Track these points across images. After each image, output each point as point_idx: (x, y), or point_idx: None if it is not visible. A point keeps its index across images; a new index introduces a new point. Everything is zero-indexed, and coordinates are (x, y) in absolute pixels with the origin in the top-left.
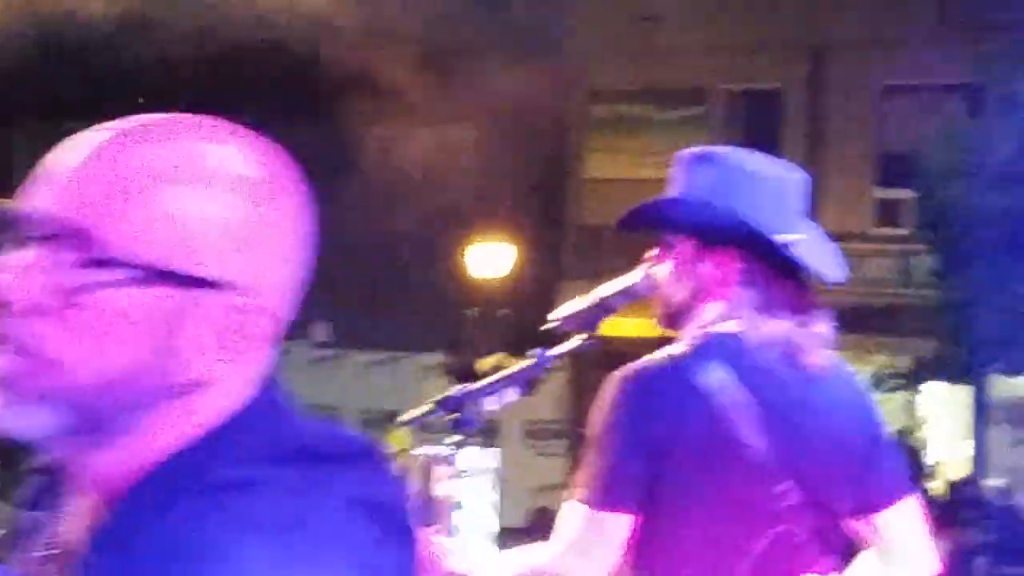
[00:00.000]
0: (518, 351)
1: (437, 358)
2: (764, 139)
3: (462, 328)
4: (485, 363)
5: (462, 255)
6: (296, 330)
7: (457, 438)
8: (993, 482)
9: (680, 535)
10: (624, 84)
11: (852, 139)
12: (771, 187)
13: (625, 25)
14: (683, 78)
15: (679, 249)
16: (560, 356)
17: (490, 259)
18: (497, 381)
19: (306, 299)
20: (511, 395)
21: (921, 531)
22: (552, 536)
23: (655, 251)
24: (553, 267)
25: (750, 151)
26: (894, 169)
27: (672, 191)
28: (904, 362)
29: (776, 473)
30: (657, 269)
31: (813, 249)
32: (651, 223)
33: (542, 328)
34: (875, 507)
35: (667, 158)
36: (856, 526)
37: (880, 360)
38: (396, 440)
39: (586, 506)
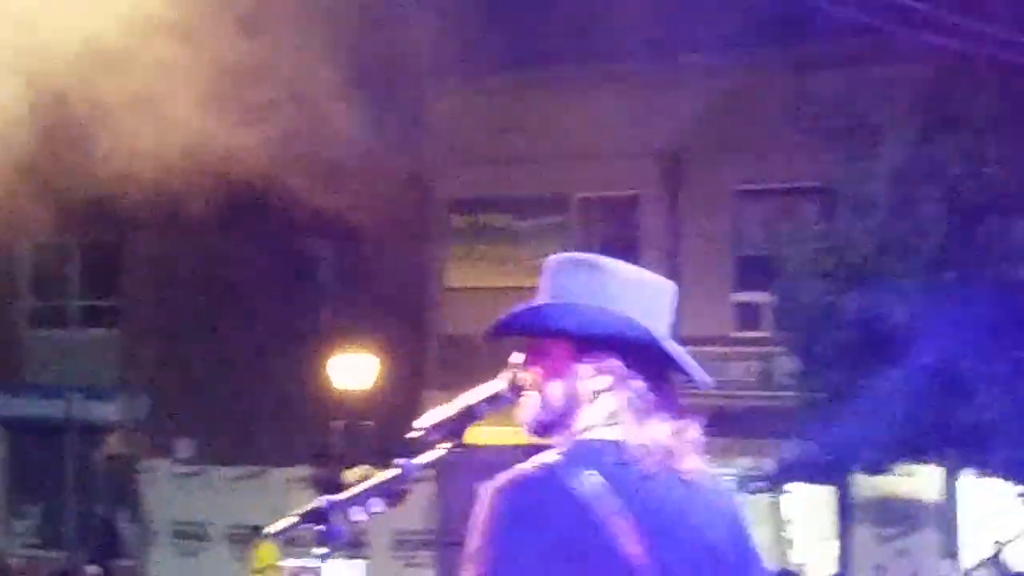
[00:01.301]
0: (384, 462)
1: (303, 471)
2: (623, 245)
3: (327, 440)
4: (351, 474)
5: (325, 368)
6: (160, 447)
7: (324, 550)
8: None
9: None
10: (484, 193)
11: (709, 243)
12: (648, 294)
13: (484, 135)
14: (542, 187)
15: (555, 354)
16: (426, 466)
17: (353, 371)
18: (363, 492)
19: (169, 417)
20: (377, 506)
21: None
22: None
23: (520, 357)
24: (416, 377)
25: (618, 260)
26: (751, 272)
27: (546, 296)
28: (767, 464)
29: None
30: (524, 375)
31: (683, 356)
32: (529, 328)
33: (407, 437)
34: None
35: (528, 266)
36: None
37: (743, 463)
38: (264, 555)
39: None
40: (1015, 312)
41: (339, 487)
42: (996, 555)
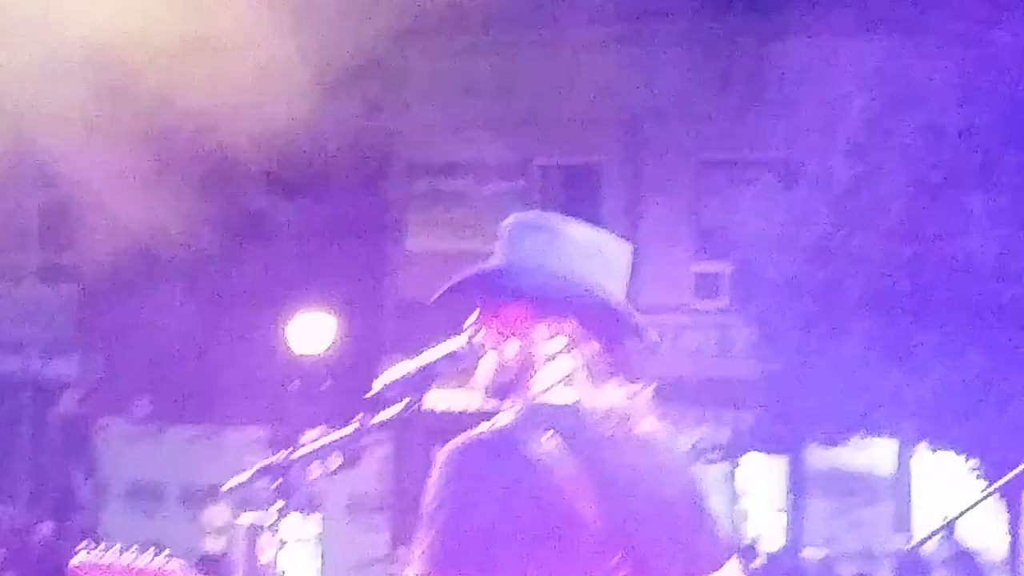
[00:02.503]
0: (341, 424)
1: (259, 432)
2: (583, 212)
3: (285, 402)
4: (308, 436)
5: (283, 329)
6: (116, 406)
7: (280, 506)
8: (811, 553)
9: None
10: (444, 158)
11: (670, 212)
12: (604, 255)
13: (445, 98)
14: (502, 152)
15: (512, 315)
16: (383, 422)
17: (311, 332)
18: (320, 448)
19: (126, 375)
20: (335, 462)
21: None
22: None
23: (478, 318)
24: (375, 340)
25: (576, 220)
26: (712, 242)
27: (502, 257)
28: (723, 434)
29: (608, 543)
30: (482, 336)
31: (635, 317)
32: (487, 289)
33: (365, 397)
34: (701, 571)
35: (487, 231)
36: None
37: (699, 432)
38: (215, 515)
39: None
40: (971, 286)
41: (296, 449)
42: (947, 529)
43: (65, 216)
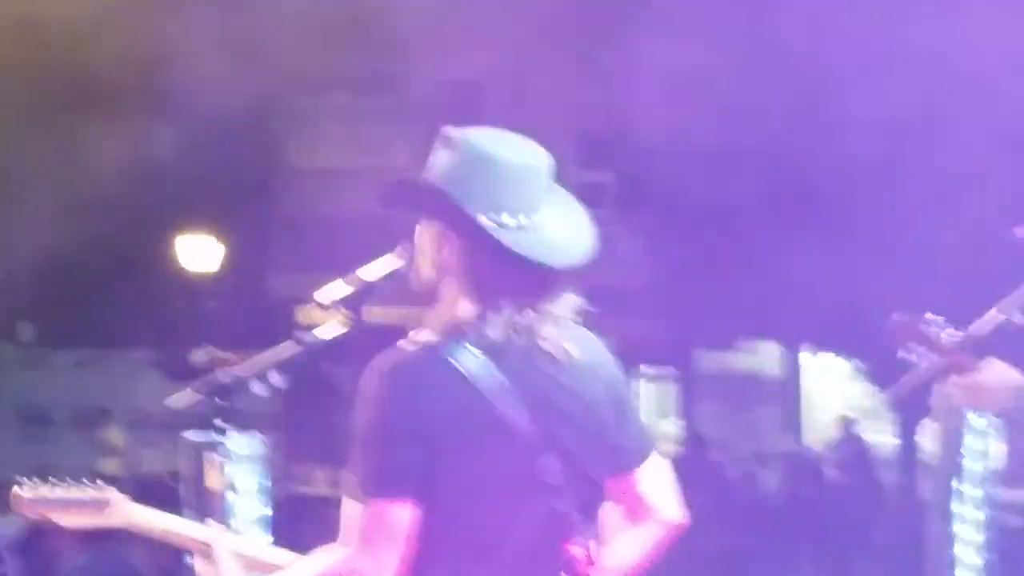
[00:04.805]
0: (228, 343)
1: (147, 353)
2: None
3: (172, 322)
4: (196, 357)
5: (169, 249)
6: (1, 330)
7: (223, 424)
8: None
9: (454, 519)
10: (325, 74)
11: (552, 122)
12: (509, 170)
13: (321, 17)
14: (382, 67)
15: (427, 230)
16: (328, 342)
17: (197, 252)
18: (263, 366)
19: (10, 299)
20: (276, 380)
21: (671, 485)
22: (339, 538)
23: (418, 232)
24: (261, 259)
25: (499, 133)
26: (595, 151)
27: (424, 172)
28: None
29: (538, 447)
30: (410, 250)
31: (549, 232)
32: (398, 203)
33: (309, 307)
34: (629, 466)
35: (370, 147)
36: (612, 486)
37: None
38: (109, 437)
39: (364, 501)
40: (855, 188)
41: (184, 370)
42: (846, 429)
43: None
